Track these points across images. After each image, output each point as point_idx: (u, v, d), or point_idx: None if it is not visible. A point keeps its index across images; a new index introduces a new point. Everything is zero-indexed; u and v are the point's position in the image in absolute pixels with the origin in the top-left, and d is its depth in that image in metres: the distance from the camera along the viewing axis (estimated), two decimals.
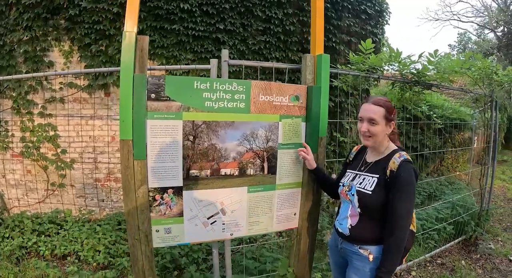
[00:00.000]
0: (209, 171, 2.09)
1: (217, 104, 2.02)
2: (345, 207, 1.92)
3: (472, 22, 27.40)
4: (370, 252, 1.77)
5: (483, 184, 4.60)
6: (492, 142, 4.67)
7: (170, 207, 2.03)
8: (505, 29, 22.69)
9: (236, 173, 2.18)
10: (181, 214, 2.06)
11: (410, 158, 1.76)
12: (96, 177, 4.74)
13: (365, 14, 5.71)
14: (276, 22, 4.86)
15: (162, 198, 2.00)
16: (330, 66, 2.38)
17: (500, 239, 4.78)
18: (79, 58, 4.54)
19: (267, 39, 4.78)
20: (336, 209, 2.20)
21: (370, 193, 1.76)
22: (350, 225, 1.84)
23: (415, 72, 3.32)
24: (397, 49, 3.17)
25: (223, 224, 2.21)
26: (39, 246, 3.80)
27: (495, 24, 24.06)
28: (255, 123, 2.16)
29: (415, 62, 3.28)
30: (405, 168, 1.69)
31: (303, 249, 2.53)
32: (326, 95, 2.35)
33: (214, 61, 2.19)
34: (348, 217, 1.87)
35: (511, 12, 22.18)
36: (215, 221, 2.18)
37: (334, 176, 2.93)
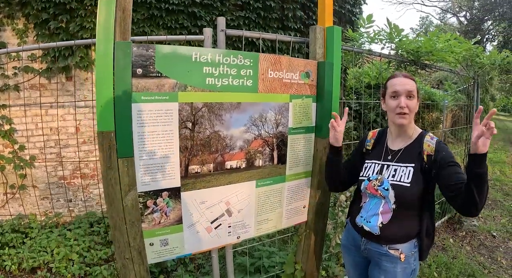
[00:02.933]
0: (211, 165, 1.70)
1: (221, 81, 1.61)
2: (375, 203, 1.64)
3: (436, 6, 28.31)
4: (401, 251, 1.57)
5: (466, 164, 4.66)
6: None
7: (166, 213, 1.62)
8: (467, 14, 23.51)
9: (243, 165, 1.81)
10: (179, 221, 1.67)
11: None
12: (61, 175, 4.17)
13: None
14: None
15: (155, 203, 1.58)
16: None
17: (480, 215, 4.91)
18: (35, 38, 3.88)
19: (246, 15, 4.37)
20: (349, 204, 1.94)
21: (409, 185, 1.51)
22: (382, 223, 1.58)
23: (414, 51, 3.08)
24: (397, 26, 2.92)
25: (229, 226, 1.85)
26: (4, 260, 3.30)
27: (457, 9, 24.90)
28: (264, 104, 1.79)
29: (415, 41, 3.05)
30: (443, 147, 1.51)
31: (313, 244, 2.29)
32: (338, 72, 2.04)
33: (208, 31, 1.76)
34: (379, 214, 1.60)
35: None
36: (220, 224, 1.81)
37: None
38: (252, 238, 2.01)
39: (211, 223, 1.77)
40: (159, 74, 1.47)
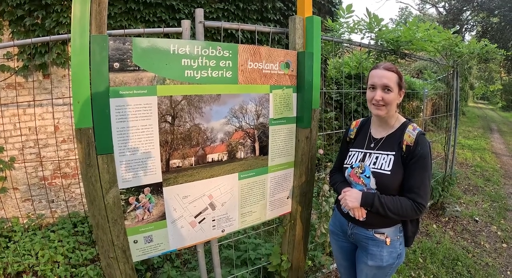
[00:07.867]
0: (193, 159, 1.68)
1: (200, 73, 1.60)
2: (358, 190, 1.67)
3: None
4: (386, 235, 1.61)
5: (446, 151, 4.78)
6: (454, 110, 4.80)
7: (148, 210, 1.60)
8: (446, 4, 23.79)
9: (225, 158, 1.80)
10: (163, 217, 1.65)
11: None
12: (42, 175, 4.05)
13: None
14: None
15: (137, 200, 1.56)
16: None
17: (462, 201, 5.07)
18: (10, 35, 3.72)
19: (225, 7, 4.31)
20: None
21: (389, 173, 1.54)
22: (366, 209, 1.60)
23: (394, 40, 3.11)
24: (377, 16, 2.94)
25: (213, 220, 1.85)
26: None
27: (436, 0, 25.22)
28: (244, 96, 1.78)
29: (394, 30, 3.08)
30: (423, 142, 1.53)
31: (298, 235, 2.32)
32: (318, 62, 2.04)
33: (186, 23, 1.73)
34: None
35: None
36: (204, 218, 1.80)
37: (321, 151, 2.68)
38: (238, 231, 2.01)
39: (195, 217, 1.77)
40: (137, 68, 1.44)
